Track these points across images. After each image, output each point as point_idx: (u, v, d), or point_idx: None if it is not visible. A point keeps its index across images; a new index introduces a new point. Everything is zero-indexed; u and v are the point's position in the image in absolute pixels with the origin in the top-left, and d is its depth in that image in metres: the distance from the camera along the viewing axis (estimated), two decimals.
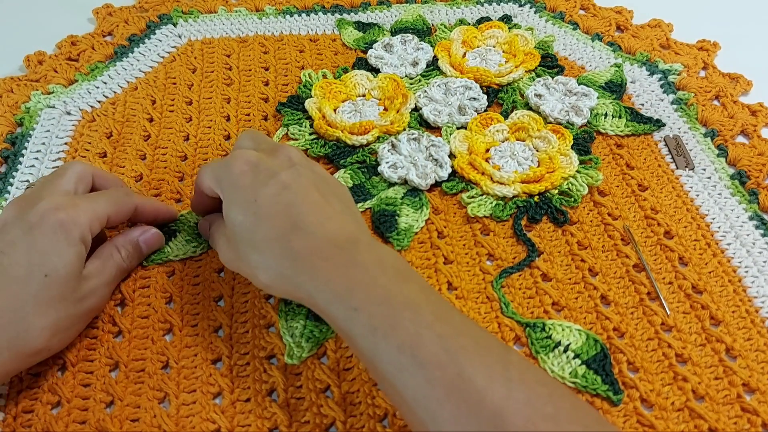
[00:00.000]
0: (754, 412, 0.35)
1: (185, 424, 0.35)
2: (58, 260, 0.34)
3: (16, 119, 0.53)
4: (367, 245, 0.33)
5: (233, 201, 0.34)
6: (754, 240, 0.44)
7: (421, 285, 0.32)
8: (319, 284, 0.32)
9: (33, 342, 0.33)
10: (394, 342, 0.29)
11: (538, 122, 0.52)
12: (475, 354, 0.28)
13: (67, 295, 0.35)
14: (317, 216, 0.33)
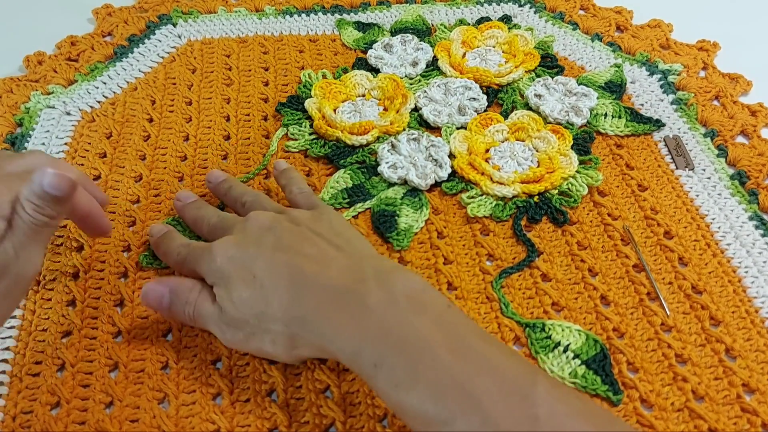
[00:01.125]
0: (754, 413, 0.35)
1: (185, 425, 0.35)
2: None
3: (16, 119, 0.53)
4: (374, 280, 0.32)
5: (232, 286, 0.34)
6: (754, 240, 0.44)
7: (435, 313, 0.31)
8: (336, 339, 0.31)
9: None
10: (416, 396, 0.28)
11: (537, 122, 0.52)
12: (499, 397, 0.28)
13: None
14: (315, 267, 0.33)
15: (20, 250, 0.33)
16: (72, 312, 0.40)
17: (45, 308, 0.40)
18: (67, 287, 0.41)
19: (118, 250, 0.44)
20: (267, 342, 0.34)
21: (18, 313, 0.39)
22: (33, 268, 0.34)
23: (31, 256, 0.34)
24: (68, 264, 0.42)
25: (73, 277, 0.42)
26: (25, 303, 0.40)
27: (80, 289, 0.41)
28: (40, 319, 0.39)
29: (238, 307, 0.34)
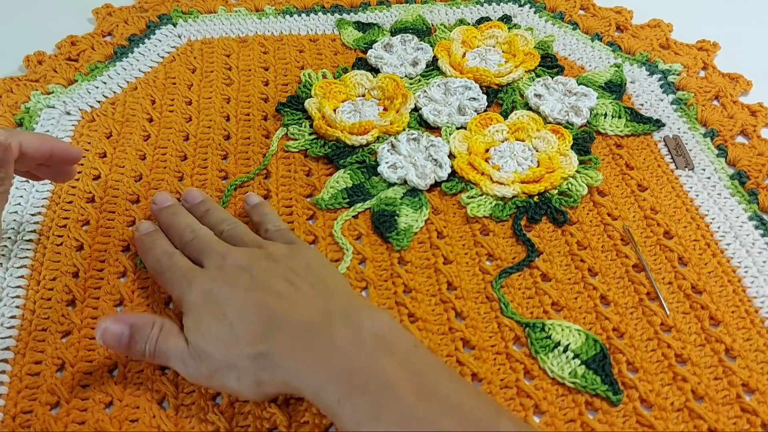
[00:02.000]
0: (753, 413, 0.35)
1: (184, 425, 0.35)
2: None
3: (16, 119, 0.53)
4: (342, 319, 0.32)
5: (200, 322, 0.34)
6: (753, 240, 0.44)
7: (402, 352, 0.31)
8: (300, 374, 0.32)
9: None
10: (380, 429, 0.28)
11: (537, 122, 0.52)
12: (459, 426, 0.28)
13: None
14: (285, 306, 0.34)
15: None
16: (72, 312, 0.40)
17: (45, 308, 0.40)
18: (67, 287, 0.41)
19: (118, 250, 0.44)
20: (232, 378, 0.33)
21: (18, 313, 0.39)
22: None
23: None
24: (68, 264, 0.42)
25: (72, 276, 0.42)
26: (25, 303, 0.40)
27: (80, 288, 0.41)
28: (39, 319, 0.39)
29: (206, 339, 0.34)
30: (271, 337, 0.33)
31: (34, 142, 0.38)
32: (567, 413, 0.35)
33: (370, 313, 0.33)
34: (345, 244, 0.44)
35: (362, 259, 0.43)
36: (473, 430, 0.28)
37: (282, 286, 0.35)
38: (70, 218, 0.46)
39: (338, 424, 0.31)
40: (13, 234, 0.44)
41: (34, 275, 0.42)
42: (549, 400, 0.36)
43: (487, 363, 0.38)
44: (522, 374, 0.37)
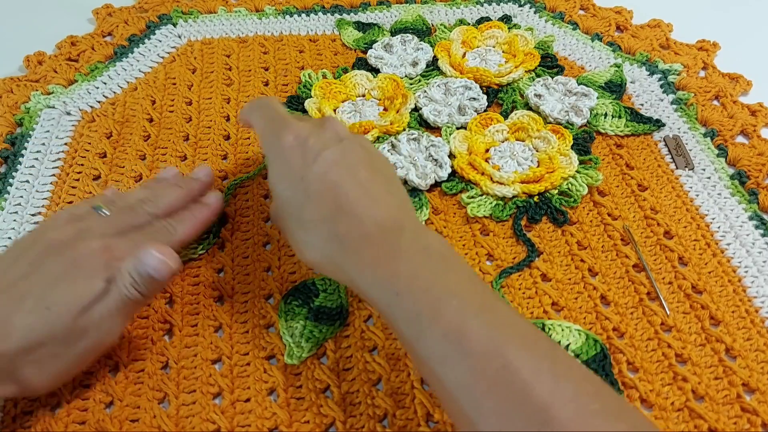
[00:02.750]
0: (754, 412, 0.35)
1: (185, 425, 0.35)
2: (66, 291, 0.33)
3: (16, 119, 0.53)
4: (412, 231, 0.32)
5: (281, 175, 0.35)
6: (753, 240, 0.44)
7: (467, 273, 0.31)
8: (362, 269, 0.31)
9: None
10: (438, 329, 0.28)
11: (537, 122, 0.52)
12: (522, 347, 0.27)
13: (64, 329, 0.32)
14: (364, 199, 0.32)
15: (107, 317, 0.33)
16: None
17: None
18: None
19: None
20: (307, 250, 0.34)
21: None
22: (111, 338, 0.35)
23: (113, 326, 0.34)
24: None
25: None
26: None
27: None
28: None
29: (277, 198, 0.35)
30: (339, 220, 0.32)
31: (193, 234, 0.40)
32: None
33: (436, 237, 0.33)
34: None
35: None
36: (532, 345, 0.28)
37: (364, 176, 0.33)
38: None
39: (391, 317, 0.30)
40: (14, 234, 0.44)
41: None
42: None
43: None
44: None
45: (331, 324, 0.39)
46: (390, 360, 0.38)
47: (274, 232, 0.45)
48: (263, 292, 0.41)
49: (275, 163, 0.35)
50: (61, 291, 0.32)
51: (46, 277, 0.33)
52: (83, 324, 0.33)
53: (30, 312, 0.32)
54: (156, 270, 0.34)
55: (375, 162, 0.35)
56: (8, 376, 0.31)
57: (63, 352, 0.32)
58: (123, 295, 0.34)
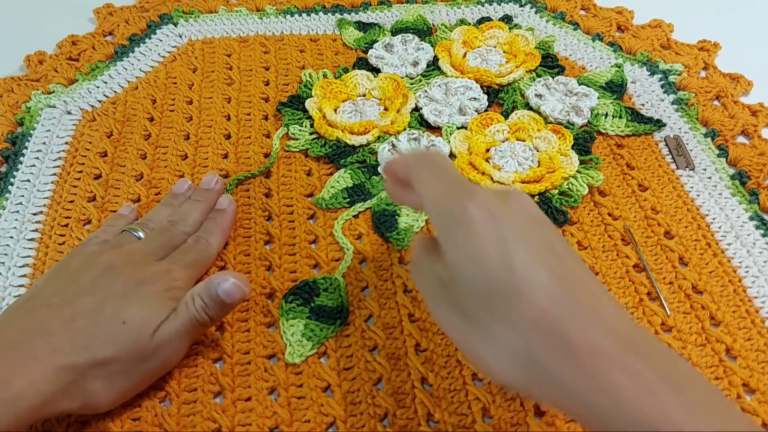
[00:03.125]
0: (754, 412, 0.35)
1: (186, 424, 0.35)
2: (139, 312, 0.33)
3: (17, 119, 0.53)
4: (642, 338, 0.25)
5: (470, 255, 0.26)
6: (754, 240, 0.44)
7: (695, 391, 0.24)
8: (608, 404, 0.23)
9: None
10: None
11: (538, 122, 0.52)
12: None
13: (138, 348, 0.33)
14: (594, 301, 0.25)
15: (175, 338, 0.34)
16: None
17: None
18: None
19: None
20: (498, 358, 0.25)
21: None
22: (176, 359, 0.36)
23: (179, 347, 0.35)
24: None
25: None
26: None
27: None
28: None
29: (462, 276, 0.26)
30: (574, 321, 0.24)
31: (222, 244, 0.42)
32: None
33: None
34: (345, 244, 0.44)
35: (363, 259, 0.43)
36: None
37: (572, 266, 0.27)
38: (71, 218, 0.46)
39: None
40: (15, 233, 0.44)
41: (36, 274, 0.42)
42: None
43: None
44: None
45: (332, 323, 0.39)
46: (391, 359, 0.38)
47: (275, 231, 0.45)
48: (264, 291, 0.41)
49: (459, 238, 0.27)
50: (135, 309, 0.33)
51: (115, 296, 0.33)
52: (155, 343, 0.33)
53: (106, 326, 0.32)
54: (228, 294, 0.35)
55: (563, 242, 0.29)
56: (76, 389, 0.31)
57: (133, 370, 0.33)
58: (192, 317, 0.35)
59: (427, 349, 0.38)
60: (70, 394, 0.31)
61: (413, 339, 0.39)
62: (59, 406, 0.30)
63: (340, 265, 0.43)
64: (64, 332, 0.31)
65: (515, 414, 0.35)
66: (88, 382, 0.31)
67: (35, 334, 0.31)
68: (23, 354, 0.30)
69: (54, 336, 0.31)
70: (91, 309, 0.32)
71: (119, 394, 0.33)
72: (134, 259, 0.36)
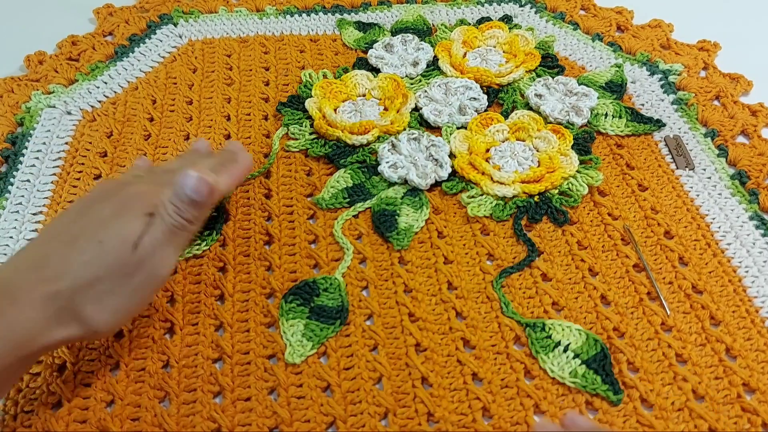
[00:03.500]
0: (754, 412, 0.35)
1: (186, 424, 0.35)
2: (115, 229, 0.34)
3: (17, 119, 0.53)
4: None
5: None
6: (754, 240, 0.44)
7: None
8: None
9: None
10: None
11: (538, 122, 0.52)
12: None
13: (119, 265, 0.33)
14: None
15: (157, 248, 0.34)
16: None
17: None
18: None
19: None
20: None
21: None
22: (165, 270, 0.35)
23: (165, 257, 0.35)
24: None
25: None
26: None
27: None
28: None
29: None
30: None
31: (230, 185, 0.40)
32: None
33: None
34: (345, 244, 0.44)
35: (363, 259, 0.43)
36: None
37: None
38: None
39: None
40: (15, 233, 0.44)
41: None
42: (549, 400, 0.36)
43: (488, 363, 0.38)
44: (522, 374, 0.37)
45: (332, 323, 0.39)
46: (391, 359, 0.38)
47: (276, 231, 0.45)
48: (264, 291, 0.41)
49: None
50: (111, 227, 0.33)
51: (96, 219, 0.34)
52: (136, 257, 0.33)
53: (84, 249, 0.33)
54: (195, 190, 0.35)
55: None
56: (70, 316, 0.32)
57: (119, 287, 0.33)
58: (169, 224, 0.35)
59: (427, 348, 0.38)
60: (62, 320, 0.32)
61: (413, 339, 0.39)
62: (57, 334, 0.31)
63: (340, 265, 0.43)
64: (48, 263, 0.32)
65: (515, 414, 0.36)
66: (79, 307, 0.32)
67: (27, 269, 0.32)
68: (15, 288, 0.31)
69: (38, 268, 0.32)
70: (73, 236, 0.33)
71: (114, 315, 0.33)
72: (120, 186, 0.36)
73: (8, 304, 0.30)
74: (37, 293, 0.31)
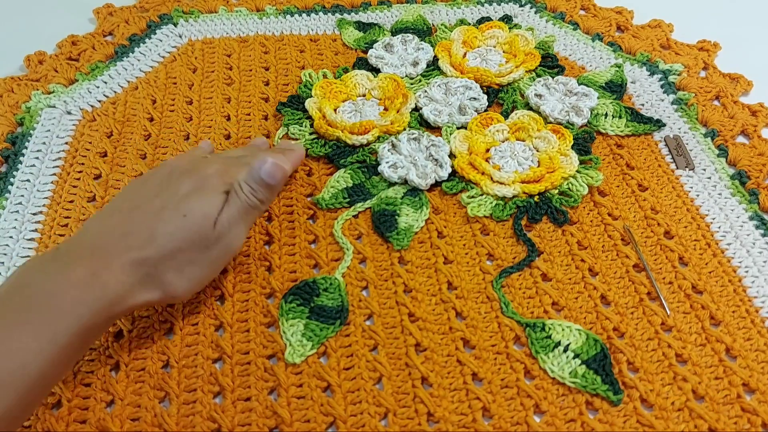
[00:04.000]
0: (754, 412, 0.35)
1: (186, 424, 0.35)
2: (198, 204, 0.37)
3: (17, 119, 0.53)
4: None
5: None
6: (754, 240, 0.45)
7: None
8: None
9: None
10: None
11: (538, 122, 0.52)
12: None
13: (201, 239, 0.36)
14: None
15: (233, 224, 0.37)
16: None
17: None
18: None
19: None
20: None
21: None
22: (238, 243, 0.38)
23: (238, 232, 0.38)
24: None
25: None
26: None
27: None
28: None
29: None
30: None
31: (291, 170, 0.45)
32: (567, 413, 0.36)
33: None
34: (345, 244, 0.44)
35: (362, 259, 0.43)
36: None
37: None
38: (71, 217, 0.46)
39: None
40: (15, 233, 0.44)
41: None
42: (549, 400, 0.36)
43: (488, 363, 0.38)
44: (522, 374, 0.37)
45: (332, 323, 0.39)
46: (391, 359, 0.38)
47: (276, 231, 0.45)
48: (264, 291, 0.41)
49: None
50: (194, 202, 0.36)
51: (178, 193, 0.37)
52: (217, 231, 0.36)
53: (168, 221, 0.35)
54: (269, 174, 0.39)
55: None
56: (154, 281, 0.35)
57: (199, 258, 0.36)
58: (244, 202, 0.38)
59: (427, 348, 0.38)
60: (147, 285, 0.34)
61: (413, 339, 0.39)
62: (141, 297, 0.34)
63: (340, 265, 0.43)
64: (135, 231, 0.35)
65: (515, 414, 0.36)
66: (161, 274, 0.35)
67: (110, 235, 0.35)
68: (103, 254, 0.34)
69: (126, 236, 0.35)
70: (156, 208, 0.36)
71: (192, 282, 0.37)
72: (196, 164, 0.40)
73: (102, 267, 0.33)
74: (127, 259, 0.34)
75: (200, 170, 0.39)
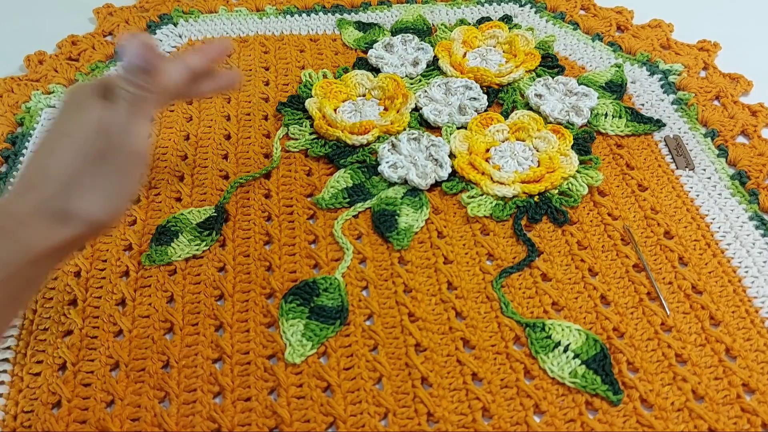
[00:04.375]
0: (753, 412, 0.35)
1: (186, 424, 0.35)
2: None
3: (17, 119, 0.53)
4: None
5: None
6: (754, 240, 0.45)
7: None
8: None
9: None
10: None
11: (538, 122, 0.52)
12: None
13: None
14: None
15: (125, 124, 0.34)
16: (73, 311, 0.40)
17: (46, 307, 0.40)
18: (69, 286, 0.41)
19: (120, 250, 0.44)
20: None
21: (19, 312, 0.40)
22: (141, 142, 0.35)
23: (136, 130, 0.35)
24: (70, 263, 0.42)
25: (74, 276, 0.42)
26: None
27: (82, 288, 0.41)
28: (41, 318, 0.39)
29: None
30: None
31: (200, 60, 0.41)
32: (567, 413, 0.36)
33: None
34: (345, 244, 0.44)
35: (362, 259, 0.43)
36: None
37: None
38: None
39: None
40: None
41: None
42: (549, 400, 0.36)
43: (487, 363, 0.38)
44: (522, 374, 0.37)
45: (332, 323, 0.39)
46: (391, 359, 0.38)
47: (275, 231, 0.45)
48: (264, 291, 0.41)
49: None
50: (72, 119, 0.34)
51: (58, 122, 0.35)
52: (109, 138, 0.34)
53: (55, 151, 0.33)
54: (136, 56, 0.35)
55: None
56: (68, 214, 0.32)
57: (103, 173, 0.33)
58: (126, 97, 0.35)
59: (427, 348, 0.38)
60: (62, 220, 0.32)
61: (413, 339, 0.39)
62: (62, 233, 0.32)
63: (340, 265, 0.43)
64: (35, 177, 0.33)
65: (515, 414, 0.36)
66: (72, 203, 0.33)
67: (22, 193, 0.33)
68: (17, 211, 0.32)
69: (32, 187, 0.33)
70: (46, 147, 0.34)
71: (108, 200, 0.34)
72: (71, 88, 0.37)
73: (16, 224, 0.32)
74: (32, 206, 0.32)
75: (70, 91, 0.36)
